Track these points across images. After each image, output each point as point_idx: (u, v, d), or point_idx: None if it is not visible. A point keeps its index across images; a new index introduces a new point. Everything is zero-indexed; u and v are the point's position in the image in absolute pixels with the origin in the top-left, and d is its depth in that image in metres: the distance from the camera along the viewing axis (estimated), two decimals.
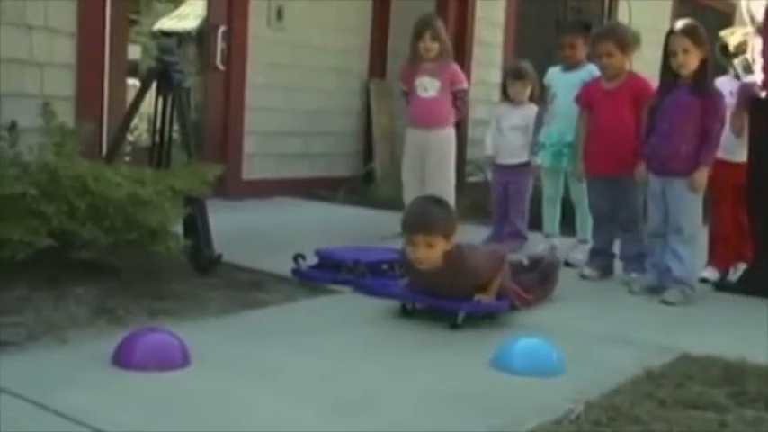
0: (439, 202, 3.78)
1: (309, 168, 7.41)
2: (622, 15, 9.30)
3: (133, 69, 6.29)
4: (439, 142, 5.55)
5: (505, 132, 5.43)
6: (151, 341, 2.82)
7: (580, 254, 5.00)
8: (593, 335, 3.51)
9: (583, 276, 4.69)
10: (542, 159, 5.20)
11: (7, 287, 3.49)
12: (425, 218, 3.55)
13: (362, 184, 7.52)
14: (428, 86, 5.54)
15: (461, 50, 7.50)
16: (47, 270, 3.64)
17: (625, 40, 4.71)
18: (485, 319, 3.54)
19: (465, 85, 5.66)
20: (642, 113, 4.52)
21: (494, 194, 5.53)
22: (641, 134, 4.46)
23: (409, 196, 5.26)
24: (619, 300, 4.25)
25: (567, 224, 5.31)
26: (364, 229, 5.64)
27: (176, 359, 2.79)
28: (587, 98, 4.79)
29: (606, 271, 4.74)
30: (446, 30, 5.69)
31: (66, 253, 3.78)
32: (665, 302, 4.14)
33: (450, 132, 5.59)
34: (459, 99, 5.59)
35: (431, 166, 5.58)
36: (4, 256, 3.48)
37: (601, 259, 4.77)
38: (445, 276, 3.51)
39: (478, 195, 5.78)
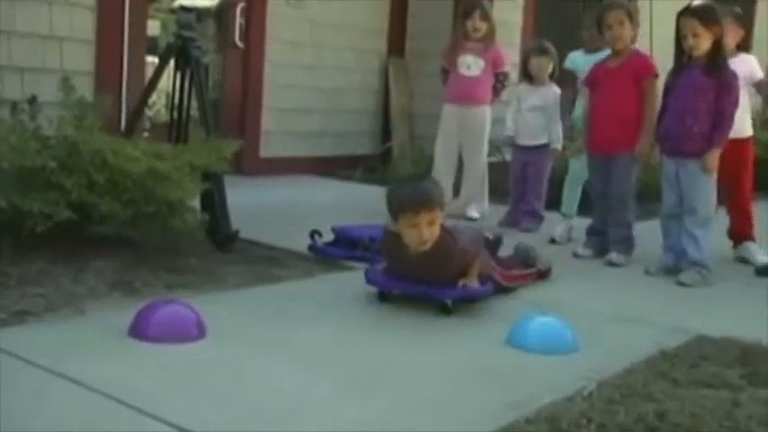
0: (422, 177, 3.68)
1: (327, 146, 7.42)
2: None
3: (152, 46, 6.31)
4: (476, 119, 5.57)
5: (525, 113, 5.42)
6: (167, 313, 2.85)
7: None
8: (609, 315, 3.52)
9: (576, 255, 4.67)
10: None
11: (28, 259, 3.53)
12: (424, 195, 3.31)
13: (380, 163, 7.52)
14: (471, 65, 5.54)
15: None
16: (66, 243, 3.68)
17: (632, 11, 4.70)
18: (473, 304, 3.44)
19: (507, 69, 5.67)
20: (644, 91, 4.51)
21: (512, 174, 5.52)
22: (644, 112, 4.45)
23: (438, 174, 5.25)
24: (635, 281, 4.24)
25: (585, 206, 5.29)
26: (381, 207, 5.60)
27: (192, 331, 2.82)
28: (591, 77, 4.77)
29: (601, 251, 4.69)
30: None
31: (86, 227, 3.81)
32: (681, 284, 4.13)
33: (486, 111, 5.61)
34: (499, 82, 5.60)
35: (466, 142, 5.59)
36: (25, 228, 3.52)
37: (597, 239, 4.74)
38: (434, 258, 3.34)
39: (495, 175, 5.78)
